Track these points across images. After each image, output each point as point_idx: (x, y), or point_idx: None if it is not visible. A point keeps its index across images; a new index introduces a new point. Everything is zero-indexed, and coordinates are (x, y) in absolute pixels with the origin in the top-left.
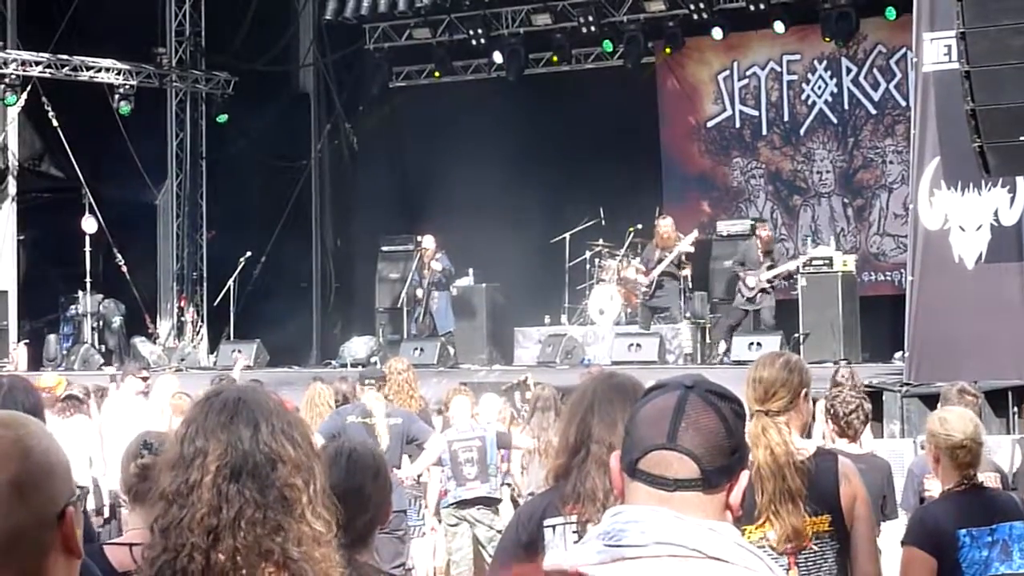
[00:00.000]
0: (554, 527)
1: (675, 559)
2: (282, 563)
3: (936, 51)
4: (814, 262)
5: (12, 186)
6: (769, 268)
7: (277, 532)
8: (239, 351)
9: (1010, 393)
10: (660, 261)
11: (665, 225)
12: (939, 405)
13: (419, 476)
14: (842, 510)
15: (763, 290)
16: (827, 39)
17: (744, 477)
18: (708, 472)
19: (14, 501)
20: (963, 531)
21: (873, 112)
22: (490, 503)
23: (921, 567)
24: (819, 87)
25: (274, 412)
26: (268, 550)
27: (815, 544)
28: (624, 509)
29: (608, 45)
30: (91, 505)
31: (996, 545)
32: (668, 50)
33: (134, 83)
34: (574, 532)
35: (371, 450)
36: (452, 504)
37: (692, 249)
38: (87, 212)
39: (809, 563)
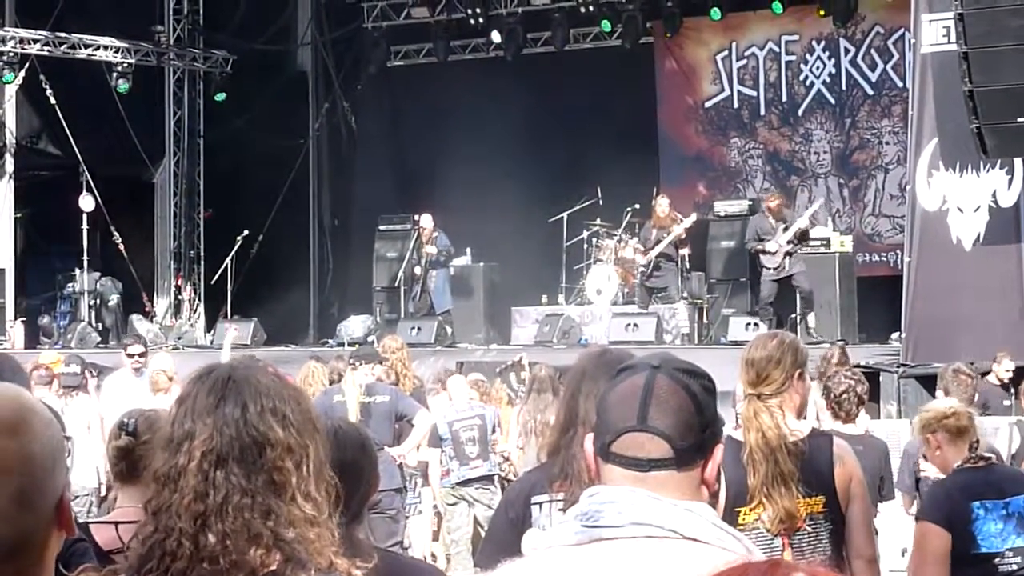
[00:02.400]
0: (540, 504)
1: (652, 540)
2: (272, 545)
3: (934, 32)
4: (811, 243)
5: (9, 164)
6: (784, 231)
7: (267, 516)
8: (234, 328)
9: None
10: (658, 241)
11: (662, 205)
12: (937, 385)
13: (417, 449)
14: (837, 491)
15: (787, 253)
16: (821, 13)
17: (719, 452)
18: (680, 451)
19: (18, 511)
20: (977, 503)
21: (870, 93)
22: (491, 480)
23: (935, 541)
24: (817, 68)
25: (264, 391)
26: (257, 534)
27: (809, 525)
28: (601, 490)
29: (606, 25)
30: (93, 484)
31: (1012, 518)
32: (668, 35)
33: (132, 61)
34: (560, 510)
35: (355, 425)
36: (454, 483)
37: (684, 234)
38: (84, 190)
39: (803, 543)
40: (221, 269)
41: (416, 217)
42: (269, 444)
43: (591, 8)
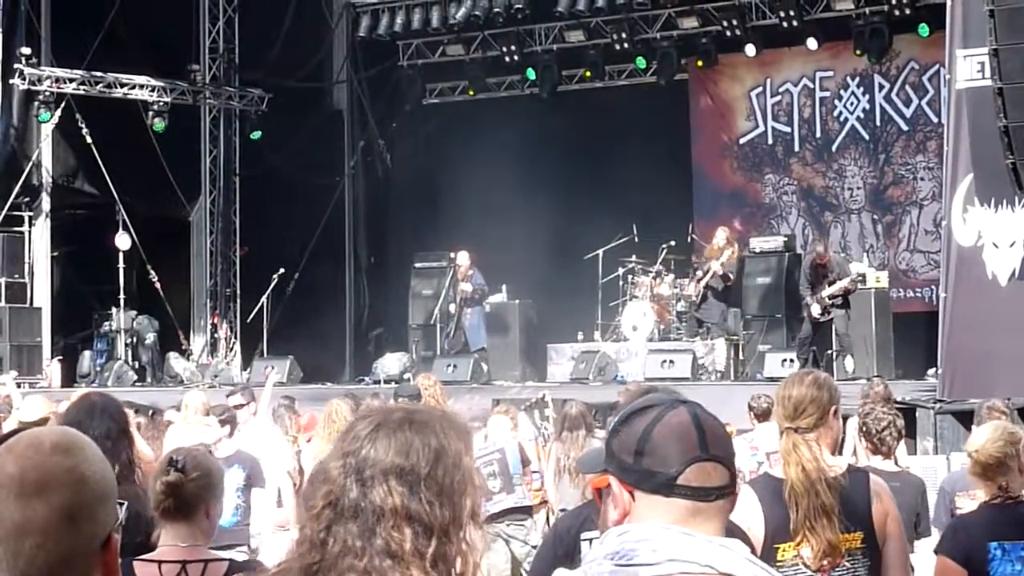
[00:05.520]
0: (591, 540)
1: None
2: None
3: (969, 68)
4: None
5: (46, 203)
6: (830, 284)
7: None
8: (271, 367)
9: None
10: (706, 273)
11: (718, 237)
12: (973, 421)
13: None
14: (874, 528)
15: (826, 308)
16: (858, 53)
17: (740, 492)
18: (733, 476)
19: (66, 529)
20: (994, 544)
21: (905, 128)
22: (520, 513)
23: None
24: (851, 103)
25: (404, 449)
26: None
27: (847, 561)
28: (631, 528)
29: (641, 62)
30: None
31: None
32: (700, 63)
33: (168, 100)
34: None
35: None
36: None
37: (722, 270)
38: (121, 228)
39: None
40: (257, 307)
41: (452, 254)
42: (384, 510)
43: (626, 45)
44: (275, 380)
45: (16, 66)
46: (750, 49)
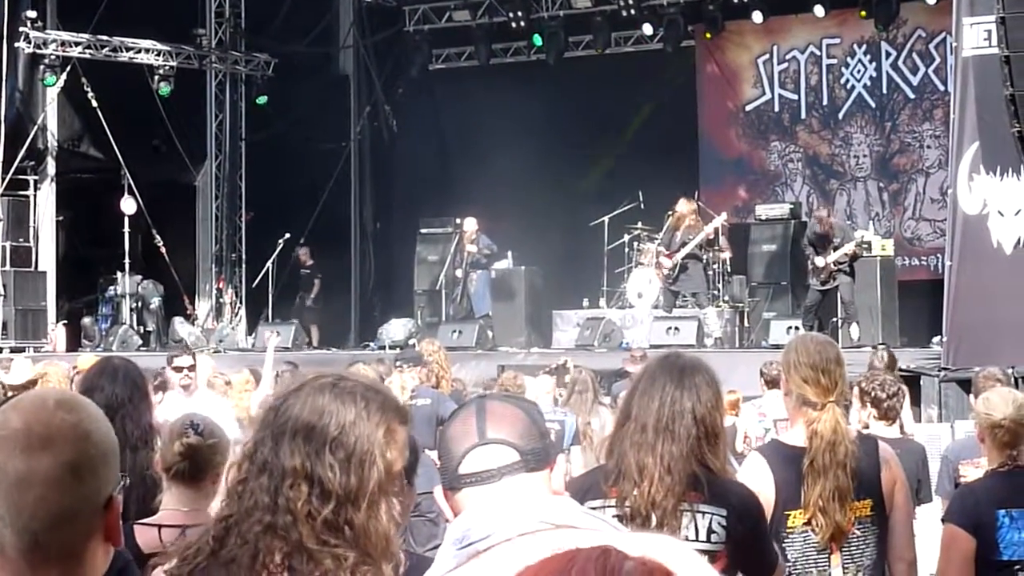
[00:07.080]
0: (594, 510)
1: (527, 536)
2: (284, 565)
3: (976, 36)
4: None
5: (51, 167)
6: (835, 250)
7: (281, 537)
8: (276, 333)
9: None
10: (683, 244)
11: (681, 207)
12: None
13: None
14: (883, 495)
15: (832, 274)
16: (863, 14)
17: (560, 462)
18: (525, 453)
19: (70, 483)
20: (1002, 511)
21: (911, 96)
22: None
23: (960, 545)
24: (858, 71)
25: (306, 415)
26: (268, 548)
27: (858, 529)
28: (464, 516)
29: (648, 28)
30: None
31: None
32: (708, 35)
33: (174, 64)
34: (615, 516)
35: None
36: None
37: (712, 234)
38: (126, 193)
39: (852, 548)
40: (262, 272)
41: (458, 220)
42: (286, 469)
43: (632, 11)
44: (275, 344)
45: (21, 29)
46: (757, 16)
